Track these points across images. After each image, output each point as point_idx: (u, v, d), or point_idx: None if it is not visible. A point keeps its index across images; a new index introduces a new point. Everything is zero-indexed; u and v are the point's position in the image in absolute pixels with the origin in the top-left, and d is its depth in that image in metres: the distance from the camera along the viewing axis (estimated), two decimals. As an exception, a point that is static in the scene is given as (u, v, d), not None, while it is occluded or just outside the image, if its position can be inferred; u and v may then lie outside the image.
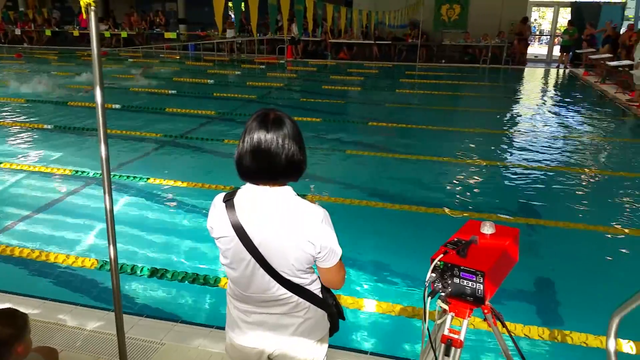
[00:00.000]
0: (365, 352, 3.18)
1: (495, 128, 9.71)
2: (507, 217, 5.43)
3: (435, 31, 20.75)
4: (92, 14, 2.08)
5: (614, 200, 6.17)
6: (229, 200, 1.77)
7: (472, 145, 8.43)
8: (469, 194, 6.26)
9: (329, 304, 1.90)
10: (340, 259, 1.81)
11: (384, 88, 14.70)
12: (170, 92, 12.71)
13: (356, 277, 4.22)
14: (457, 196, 6.12)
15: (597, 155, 8.21)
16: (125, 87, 13.11)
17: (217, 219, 1.78)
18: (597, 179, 6.95)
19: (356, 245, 4.77)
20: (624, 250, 4.91)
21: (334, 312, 1.93)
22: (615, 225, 5.34)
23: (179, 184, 6.24)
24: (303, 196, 1.80)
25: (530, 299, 4.05)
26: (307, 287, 1.82)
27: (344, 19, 13.57)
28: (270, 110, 1.75)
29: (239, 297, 1.87)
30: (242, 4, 7.87)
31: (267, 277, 1.76)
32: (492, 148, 8.35)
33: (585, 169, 7.28)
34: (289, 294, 1.79)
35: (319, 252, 1.73)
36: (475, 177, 6.91)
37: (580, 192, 6.47)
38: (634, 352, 3.30)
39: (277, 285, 1.77)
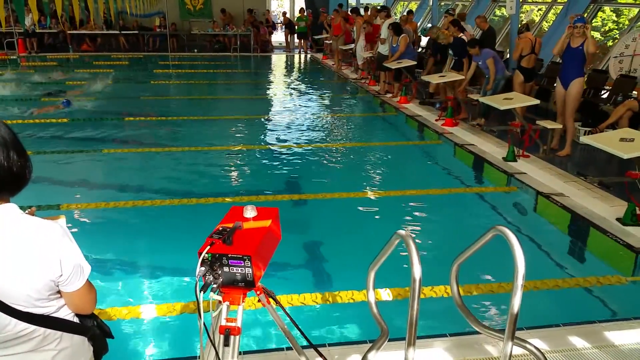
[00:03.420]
0: (147, 362, 3.01)
1: (253, 113, 10.06)
2: (274, 196, 5.70)
3: (183, 20, 20.45)
4: None
5: (361, 168, 7.00)
6: None
7: (234, 132, 8.60)
8: (235, 179, 6.40)
9: (87, 327, 1.69)
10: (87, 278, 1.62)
11: (138, 80, 13.95)
12: None
13: (129, 284, 3.95)
14: (225, 183, 6.19)
15: (343, 129, 9.17)
16: None
17: None
18: (345, 150, 7.77)
19: (126, 250, 4.47)
20: (374, 210, 5.58)
21: (97, 334, 1.73)
22: (366, 190, 6.06)
23: None
24: (57, 207, 1.56)
25: (303, 269, 4.34)
26: (54, 314, 1.59)
27: (77, 7, 12.34)
28: None
29: None
30: None
31: None
32: (253, 133, 8.65)
33: (335, 143, 8.08)
34: (31, 327, 1.54)
35: (61, 275, 1.52)
36: (240, 162, 7.08)
37: (333, 165, 7.15)
38: (391, 298, 3.79)
39: (14, 320, 1.51)
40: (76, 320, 1.67)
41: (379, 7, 13.41)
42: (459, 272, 2.84)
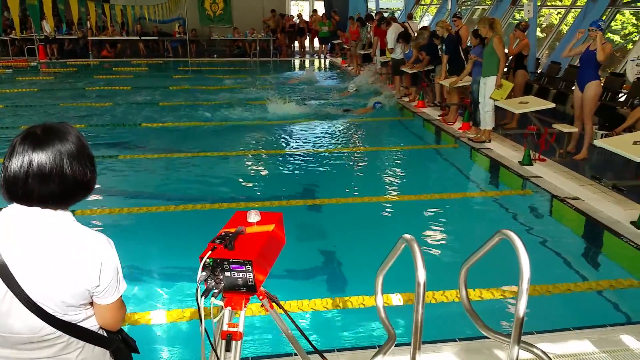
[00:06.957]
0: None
1: (267, 118, 10.00)
2: (287, 201, 5.71)
3: (202, 26, 20.67)
4: None
5: (376, 172, 6.99)
6: None
7: (247, 137, 8.62)
8: (249, 185, 6.43)
9: (111, 339, 1.69)
10: (121, 296, 1.65)
11: (156, 86, 14.10)
12: None
13: (140, 290, 3.97)
14: (239, 189, 6.23)
15: (358, 133, 9.15)
16: None
17: None
18: (361, 155, 7.76)
19: (137, 255, 4.50)
20: (389, 215, 5.55)
21: (122, 348, 1.72)
22: (380, 194, 6.03)
23: None
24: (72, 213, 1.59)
25: (315, 274, 4.35)
26: (80, 323, 1.60)
27: (93, 14, 12.53)
28: (39, 126, 1.52)
29: None
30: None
31: (29, 314, 1.50)
32: (266, 138, 8.66)
33: (350, 148, 8.07)
34: (58, 333, 1.55)
35: (98, 286, 1.55)
36: (254, 168, 7.11)
37: (348, 169, 7.15)
38: (402, 303, 3.76)
39: (43, 323, 1.52)
40: (102, 332, 1.67)
41: (379, 17, 13.42)
42: (470, 276, 2.82)
